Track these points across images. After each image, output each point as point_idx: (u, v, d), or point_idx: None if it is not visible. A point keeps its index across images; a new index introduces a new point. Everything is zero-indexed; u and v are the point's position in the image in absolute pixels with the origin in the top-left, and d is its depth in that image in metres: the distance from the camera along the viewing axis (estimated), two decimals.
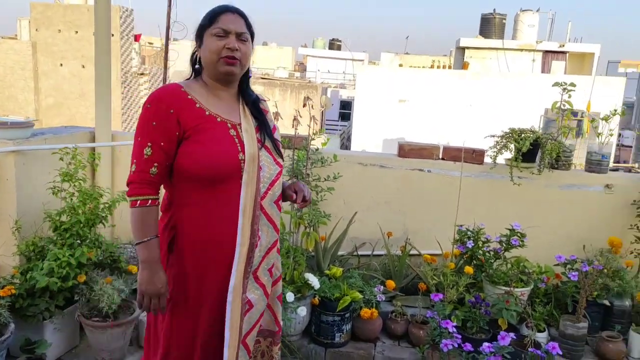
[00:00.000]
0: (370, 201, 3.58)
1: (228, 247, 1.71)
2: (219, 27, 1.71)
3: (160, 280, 1.69)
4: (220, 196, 1.70)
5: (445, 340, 2.66)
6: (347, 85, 29.00)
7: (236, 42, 1.71)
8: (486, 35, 19.63)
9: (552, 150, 3.25)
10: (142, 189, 1.67)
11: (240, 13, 1.77)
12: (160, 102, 1.67)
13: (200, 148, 1.66)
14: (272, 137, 1.84)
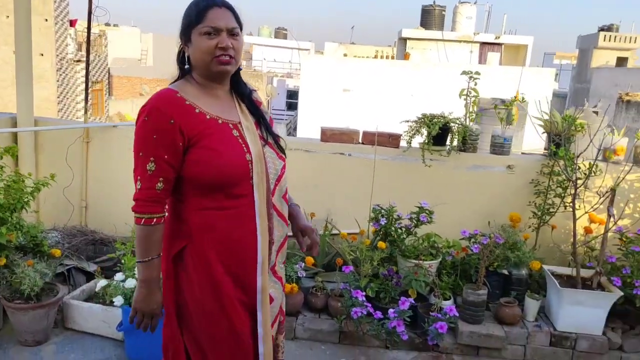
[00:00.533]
0: (296, 184, 3.69)
1: (248, 248, 1.67)
2: (208, 25, 1.61)
3: (156, 300, 1.66)
4: (232, 200, 1.64)
5: (355, 309, 2.88)
6: (294, 75, 29.08)
7: (230, 39, 1.63)
8: (427, 26, 20.19)
9: (459, 133, 3.52)
10: (148, 207, 1.59)
11: (228, 6, 1.67)
12: (159, 113, 1.57)
13: (209, 154, 1.59)
14: (272, 131, 1.78)
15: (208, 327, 1.67)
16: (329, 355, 3.04)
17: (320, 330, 3.17)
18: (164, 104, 1.59)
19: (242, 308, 1.68)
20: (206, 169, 1.59)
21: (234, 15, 1.66)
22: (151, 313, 1.67)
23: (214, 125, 1.63)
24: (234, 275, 1.66)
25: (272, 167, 1.73)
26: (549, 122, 3.50)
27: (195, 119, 1.60)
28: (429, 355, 3.10)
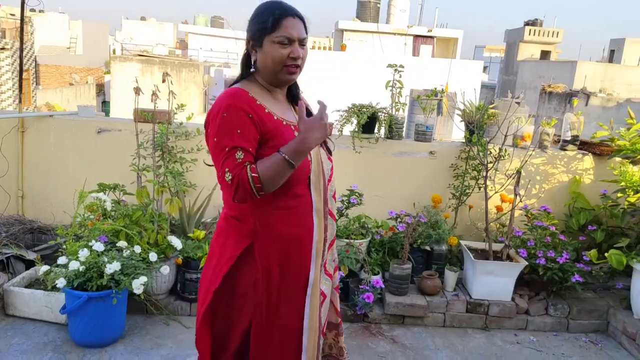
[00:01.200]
0: None
1: (305, 245, 1.76)
2: (283, 35, 1.65)
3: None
4: (292, 199, 1.71)
5: None
6: (232, 65, 28.78)
7: (301, 49, 1.69)
8: (363, 18, 20.59)
9: (385, 122, 3.80)
10: (243, 173, 1.57)
11: (300, 16, 1.71)
12: (238, 110, 1.61)
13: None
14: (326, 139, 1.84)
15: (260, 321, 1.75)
16: None
17: None
18: (240, 101, 1.63)
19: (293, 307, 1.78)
20: None
21: (304, 26, 1.71)
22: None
23: (280, 126, 1.69)
24: (291, 272, 1.75)
25: (325, 167, 1.81)
26: (465, 111, 3.84)
27: (267, 118, 1.66)
28: (360, 325, 3.37)
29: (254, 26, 1.71)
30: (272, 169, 1.58)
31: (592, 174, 3.93)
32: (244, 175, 1.57)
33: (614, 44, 35.98)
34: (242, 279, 1.74)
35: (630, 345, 3.24)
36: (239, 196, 1.59)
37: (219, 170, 1.62)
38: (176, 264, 3.30)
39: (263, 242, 1.72)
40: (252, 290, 1.74)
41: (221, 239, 1.81)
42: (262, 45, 1.68)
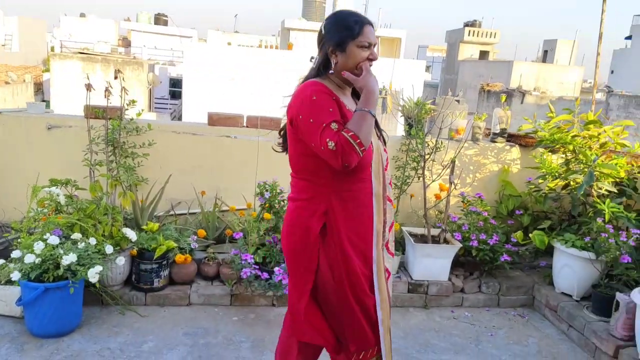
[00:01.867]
0: (185, 165, 4.04)
1: (367, 225, 1.98)
2: (365, 40, 1.90)
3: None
4: (359, 183, 1.95)
5: (245, 269, 3.27)
6: (177, 63, 28.36)
7: (374, 52, 1.95)
8: (308, 17, 20.84)
9: None
10: (342, 137, 1.76)
11: (373, 24, 1.97)
12: (324, 93, 1.87)
13: None
14: (379, 127, 2.10)
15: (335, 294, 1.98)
16: (221, 315, 3.40)
17: (212, 295, 3.51)
18: (323, 87, 1.90)
19: (365, 280, 1.99)
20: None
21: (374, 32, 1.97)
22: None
23: (350, 115, 1.90)
24: (357, 250, 1.97)
25: (383, 157, 2.05)
26: (405, 107, 4.12)
27: (343, 110, 1.90)
28: None
29: (337, 33, 1.92)
30: (359, 122, 1.81)
31: (519, 163, 4.30)
32: (342, 138, 1.76)
33: (547, 44, 37.88)
34: (322, 258, 1.98)
35: (552, 317, 3.60)
36: (346, 158, 1.76)
37: (319, 145, 1.79)
38: (131, 255, 3.40)
39: (334, 222, 1.95)
40: (328, 269, 1.97)
41: (302, 222, 1.98)
42: (346, 49, 1.91)
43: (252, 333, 3.20)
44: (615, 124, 3.63)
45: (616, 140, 3.59)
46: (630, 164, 3.47)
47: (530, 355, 3.18)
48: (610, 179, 3.36)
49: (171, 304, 3.46)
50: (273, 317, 3.42)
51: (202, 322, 3.29)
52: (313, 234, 1.96)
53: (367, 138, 1.81)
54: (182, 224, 3.95)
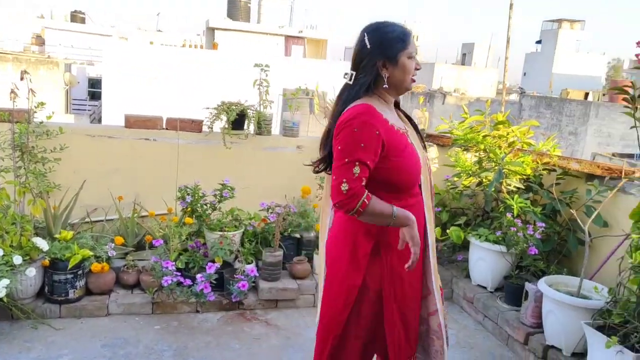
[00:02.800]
0: (101, 169, 3.88)
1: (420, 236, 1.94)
2: (412, 50, 1.91)
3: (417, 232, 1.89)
4: (412, 197, 1.97)
5: (166, 277, 3.19)
6: (96, 62, 27.14)
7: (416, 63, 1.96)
8: (234, 17, 20.62)
9: (254, 119, 4.01)
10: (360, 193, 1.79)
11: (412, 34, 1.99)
12: (369, 126, 1.81)
13: (402, 162, 1.89)
14: (422, 137, 2.08)
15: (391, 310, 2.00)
16: (142, 324, 3.29)
17: (133, 304, 3.39)
18: (371, 117, 1.84)
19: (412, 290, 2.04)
20: (398, 174, 1.90)
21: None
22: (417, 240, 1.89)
23: (398, 136, 1.91)
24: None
25: (429, 172, 2.07)
26: (328, 108, 4.17)
27: (391, 132, 1.88)
28: (235, 313, 3.54)
29: (389, 46, 1.90)
30: (379, 211, 1.84)
31: (438, 162, 4.47)
32: (360, 194, 1.80)
33: (465, 48, 39.72)
34: (370, 274, 1.97)
35: (469, 308, 3.78)
36: (342, 205, 1.82)
37: (336, 177, 1.82)
38: (43, 266, 3.22)
39: (387, 238, 1.95)
40: (378, 284, 1.98)
41: (350, 236, 1.98)
42: (398, 62, 1.91)
43: (174, 341, 3.12)
44: (522, 124, 3.87)
45: (523, 139, 3.82)
46: (536, 162, 3.70)
47: (449, 347, 3.32)
48: (518, 176, 3.57)
49: (89, 315, 3.31)
50: (197, 323, 3.35)
51: (122, 333, 3.17)
52: (362, 251, 1.97)
53: (367, 218, 1.86)
54: (99, 231, 3.79)
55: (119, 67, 14.66)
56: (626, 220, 2.96)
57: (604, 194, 3.30)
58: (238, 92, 5.86)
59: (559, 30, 45.81)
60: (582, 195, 3.59)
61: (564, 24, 46.48)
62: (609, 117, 19.21)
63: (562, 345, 2.96)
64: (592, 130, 19.59)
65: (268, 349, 3.13)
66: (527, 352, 3.18)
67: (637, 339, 2.44)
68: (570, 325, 2.87)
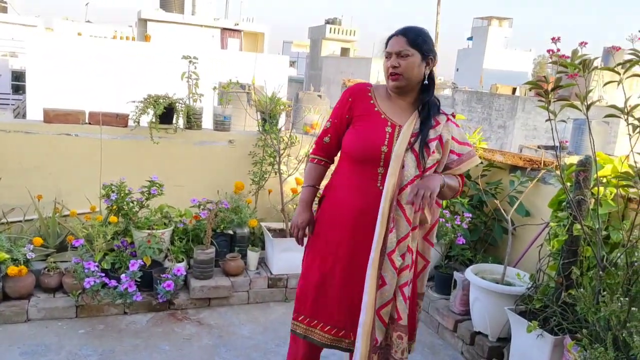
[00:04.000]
0: (18, 167, 3.64)
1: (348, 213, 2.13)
2: (385, 50, 2.10)
3: (302, 217, 2.27)
4: (358, 174, 2.12)
5: (87, 279, 3.04)
6: (20, 54, 25.62)
7: (396, 60, 2.04)
8: (167, 8, 20.01)
9: (183, 112, 3.89)
10: (315, 151, 2.29)
11: (402, 33, 2.07)
12: (346, 92, 2.19)
13: (355, 132, 2.12)
14: (425, 144, 2.07)
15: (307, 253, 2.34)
16: (66, 329, 3.12)
17: (55, 308, 3.22)
18: (354, 88, 2.20)
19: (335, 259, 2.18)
20: (348, 143, 2.14)
21: (407, 41, 2.05)
22: (296, 225, 2.28)
23: (374, 116, 2.10)
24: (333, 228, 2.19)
25: (408, 170, 2.06)
26: (260, 102, 4.11)
27: (366, 106, 2.13)
28: (166, 313, 3.43)
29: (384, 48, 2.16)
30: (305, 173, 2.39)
31: None
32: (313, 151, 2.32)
33: None
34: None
35: None
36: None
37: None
38: None
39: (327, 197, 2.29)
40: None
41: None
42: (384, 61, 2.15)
43: (100, 345, 2.99)
44: None
45: None
46: None
47: None
48: None
49: (6, 322, 3.11)
50: (125, 325, 3.23)
51: (43, 339, 3.00)
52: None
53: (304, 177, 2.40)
54: (16, 232, 3.56)
55: (45, 59, 13.88)
56: (546, 209, 3.11)
57: (525, 184, 3.44)
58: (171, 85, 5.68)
59: (488, 27, 47.63)
60: (506, 186, 3.73)
61: (493, 21, 48.37)
62: (534, 111, 20.13)
63: (488, 331, 3.06)
64: (519, 123, 20.49)
65: (199, 349, 3.06)
66: (456, 339, 3.27)
67: (555, 322, 2.56)
68: (495, 312, 2.97)
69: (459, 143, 2.17)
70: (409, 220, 2.08)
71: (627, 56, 2.13)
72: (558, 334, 2.52)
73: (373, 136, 2.07)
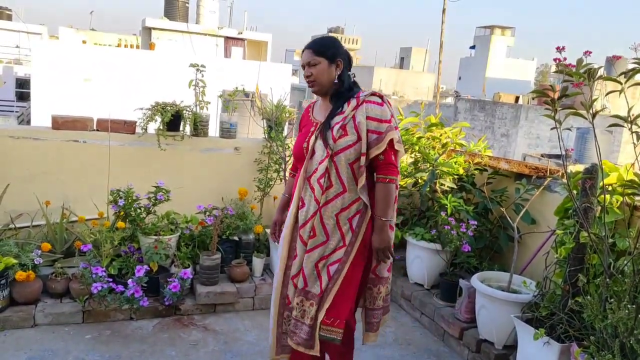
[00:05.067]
0: (26, 173, 3.67)
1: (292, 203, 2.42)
2: (301, 63, 2.43)
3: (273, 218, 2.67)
4: (299, 171, 2.42)
5: (95, 284, 3.05)
6: (24, 61, 25.78)
7: (308, 70, 2.35)
8: (171, 17, 20.12)
9: (190, 120, 3.92)
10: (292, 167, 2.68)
11: (310, 46, 2.37)
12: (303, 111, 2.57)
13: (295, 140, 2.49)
14: (327, 130, 2.30)
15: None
16: (72, 335, 3.13)
17: (62, 314, 3.23)
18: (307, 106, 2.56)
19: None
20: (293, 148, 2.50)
21: (313, 51, 2.34)
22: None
23: (308, 123, 2.44)
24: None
25: (318, 154, 2.32)
26: (265, 109, 4.14)
27: (306, 118, 2.49)
28: (172, 319, 3.44)
29: None
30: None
31: None
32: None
33: (403, 52, 40.64)
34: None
35: (407, 306, 3.85)
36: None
37: None
38: None
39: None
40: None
41: None
42: None
43: (107, 350, 3.00)
44: (453, 126, 3.99)
45: (456, 140, 3.94)
46: (468, 162, 3.82)
47: (387, 345, 3.37)
48: (451, 176, 3.67)
49: (13, 327, 3.12)
50: (131, 331, 3.24)
51: (50, 344, 3.01)
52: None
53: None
54: (24, 238, 3.58)
55: (49, 67, 13.97)
56: (552, 217, 3.11)
57: (531, 192, 3.45)
58: (175, 93, 5.72)
59: (491, 36, 47.79)
60: (511, 194, 3.74)
61: (495, 30, 48.54)
62: (537, 119, 20.16)
63: (494, 338, 3.06)
64: (522, 132, 20.51)
65: (205, 355, 3.06)
66: (462, 347, 3.27)
67: (562, 330, 2.56)
68: (501, 319, 2.97)
69: (378, 121, 2.28)
70: (317, 200, 2.31)
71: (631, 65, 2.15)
72: (565, 341, 2.52)
73: (301, 138, 2.42)
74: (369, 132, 2.27)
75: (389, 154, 2.30)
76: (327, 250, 2.32)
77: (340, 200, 2.30)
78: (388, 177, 2.31)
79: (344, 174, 2.29)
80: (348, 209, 2.31)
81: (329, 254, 2.32)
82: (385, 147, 2.27)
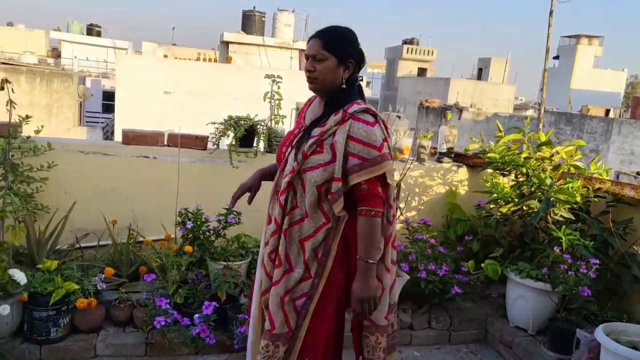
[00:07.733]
0: (95, 190, 3.50)
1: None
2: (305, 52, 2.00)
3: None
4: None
5: (158, 318, 2.77)
6: (111, 75, 27.16)
7: (312, 64, 1.96)
8: (248, 31, 20.40)
9: (264, 135, 3.60)
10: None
11: (320, 35, 1.97)
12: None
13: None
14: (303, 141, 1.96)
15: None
16: None
17: (124, 345, 2.98)
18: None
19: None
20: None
21: (323, 43, 1.94)
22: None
23: (297, 123, 2.15)
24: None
25: (288, 165, 1.99)
26: None
27: (301, 115, 2.16)
28: (240, 355, 3.10)
29: None
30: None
31: (467, 185, 4.03)
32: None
33: (481, 62, 39.19)
34: None
35: (506, 353, 3.30)
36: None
37: None
38: (21, 301, 2.82)
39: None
40: None
41: None
42: None
43: None
44: (566, 144, 3.42)
45: (569, 161, 3.37)
46: (586, 187, 3.24)
47: None
48: (567, 204, 3.11)
49: (73, 358, 2.91)
50: None
51: None
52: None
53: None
54: (89, 259, 3.39)
55: (132, 81, 14.45)
56: None
57: None
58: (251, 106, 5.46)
59: (577, 45, 45.20)
60: (637, 226, 3.13)
61: (582, 39, 45.87)
62: (631, 134, 18.57)
63: None
64: (615, 147, 18.94)
65: None
66: None
67: None
68: None
69: (363, 144, 1.88)
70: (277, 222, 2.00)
71: None
72: None
73: (284, 141, 2.11)
74: (350, 155, 1.89)
75: (374, 184, 1.89)
76: (290, 282, 1.97)
77: (307, 225, 1.95)
78: (373, 209, 1.88)
79: (308, 196, 1.93)
80: (314, 236, 1.95)
81: (293, 286, 1.97)
82: (370, 177, 1.87)
